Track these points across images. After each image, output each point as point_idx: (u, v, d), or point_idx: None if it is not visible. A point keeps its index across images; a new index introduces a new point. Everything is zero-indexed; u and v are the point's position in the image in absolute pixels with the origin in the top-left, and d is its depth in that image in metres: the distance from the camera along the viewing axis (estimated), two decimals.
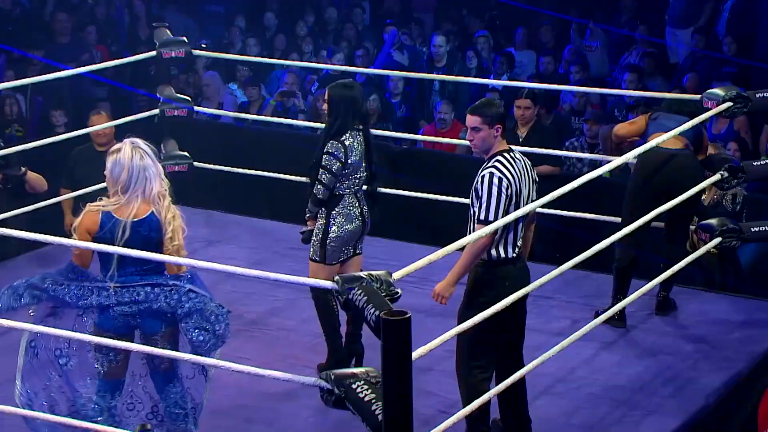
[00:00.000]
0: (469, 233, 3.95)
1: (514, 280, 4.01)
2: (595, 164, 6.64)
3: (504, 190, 3.92)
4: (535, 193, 4.11)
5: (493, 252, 3.99)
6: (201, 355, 3.82)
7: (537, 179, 4.16)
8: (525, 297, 4.10)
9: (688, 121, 5.05)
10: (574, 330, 4.62)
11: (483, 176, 3.96)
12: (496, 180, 3.93)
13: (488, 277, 4.00)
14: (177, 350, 3.89)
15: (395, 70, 8.57)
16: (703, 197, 5.70)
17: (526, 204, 4.03)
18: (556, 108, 8.40)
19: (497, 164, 3.98)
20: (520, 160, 4.07)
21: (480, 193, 3.95)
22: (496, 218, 3.91)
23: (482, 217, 3.92)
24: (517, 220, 3.98)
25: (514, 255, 4.03)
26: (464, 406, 3.92)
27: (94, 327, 3.89)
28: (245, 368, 3.85)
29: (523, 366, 4.11)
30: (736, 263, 6.14)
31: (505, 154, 4.03)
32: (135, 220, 3.88)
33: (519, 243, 4.07)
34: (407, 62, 9.43)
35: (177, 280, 3.89)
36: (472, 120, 4.04)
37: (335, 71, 8.19)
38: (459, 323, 3.92)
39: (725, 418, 4.66)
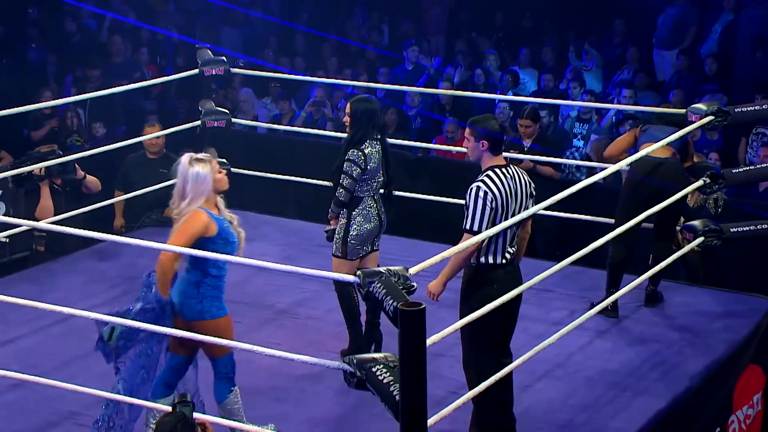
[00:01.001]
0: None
1: (502, 283, 3.93)
2: (593, 171, 6.60)
3: (489, 203, 3.84)
4: (530, 206, 4.00)
5: (482, 259, 3.93)
6: None
7: (534, 194, 4.04)
8: (517, 297, 4.01)
9: (676, 130, 5.01)
10: (571, 320, 4.58)
11: (471, 189, 3.90)
12: (481, 193, 3.86)
13: (478, 280, 3.94)
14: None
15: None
16: (689, 201, 5.65)
17: (517, 214, 3.93)
18: (557, 122, 8.37)
19: (485, 179, 3.90)
20: (513, 176, 3.95)
21: (467, 205, 3.89)
22: (479, 229, 3.84)
23: (467, 226, 3.87)
24: (506, 230, 3.89)
25: (503, 261, 3.95)
26: (471, 390, 3.86)
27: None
28: (277, 353, 3.84)
29: (510, 362, 4.03)
30: (717, 260, 6.09)
31: (497, 170, 3.93)
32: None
33: (509, 250, 3.97)
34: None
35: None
36: (466, 131, 4.02)
37: (359, 88, 8.16)
38: (461, 317, 3.87)
39: (706, 399, 4.61)
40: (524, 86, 9.33)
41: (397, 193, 4.85)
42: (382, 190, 4.69)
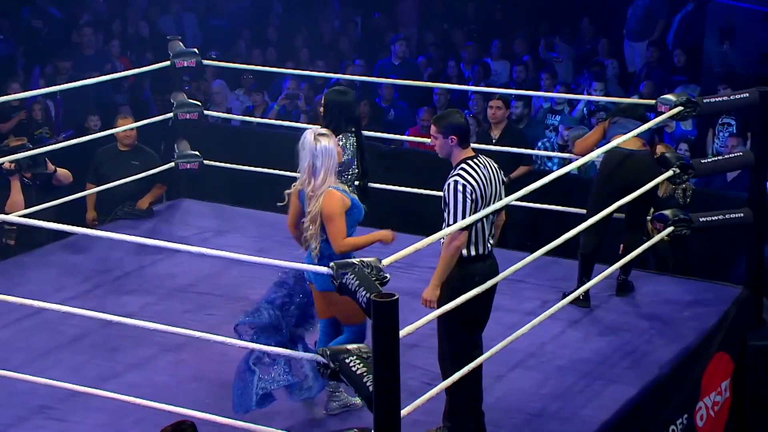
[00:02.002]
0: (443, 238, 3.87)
1: (482, 277, 3.93)
2: (565, 162, 6.63)
3: (468, 195, 3.83)
4: (503, 193, 4.02)
5: (464, 251, 3.91)
6: None
7: (505, 180, 4.07)
8: (493, 289, 4.02)
9: (642, 124, 5.04)
10: (543, 310, 4.60)
11: (448, 185, 3.88)
12: (460, 187, 3.84)
13: (460, 274, 3.92)
14: None
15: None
16: (659, 191, 5.69)
17: (493, 203, 3.94)
18: (530, 113, 8.40)
19: (461, 171, 3.89)
20: (485, 165, 3.96)
21: (447, 201, 3.87)
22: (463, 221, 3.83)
23: (451, 222, 3.86)
24: (485, 219, 3.89)
25: (484, 252, 3.95)
26: (445, 381, 3.87)
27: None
28: (251, 345, 3.82)
29: (481, 350, 4.03)
30: (685, 250, 6.14)
31: (469, 161, 3.93)
32: None
33: (490, 241, 3.99)
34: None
35: None
36: (431, 129, 4.01)
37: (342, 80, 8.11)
38: (440, 316, 3.85)
39: (675, 386, 4.66)
40: (496, 78, 9.35)
41: (371, 185, 4.83)
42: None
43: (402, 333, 3.29)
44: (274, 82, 9.48)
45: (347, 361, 3.41)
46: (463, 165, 3.92)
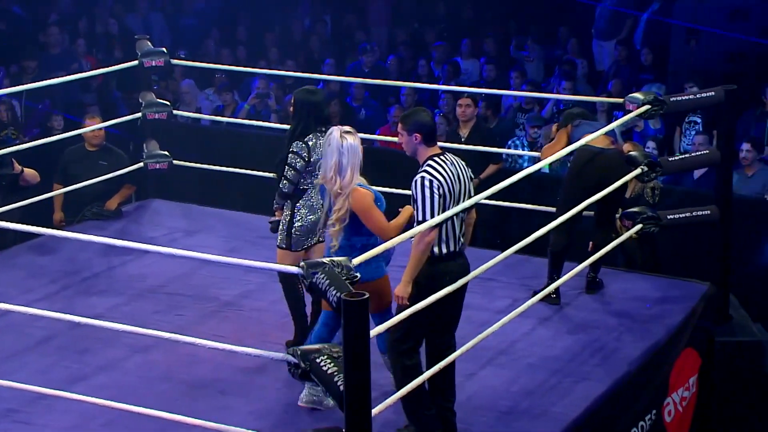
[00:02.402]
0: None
1: (453, 276, 3.93)
2: (534, 160, 6.66)
3: (436, 191, 3.84)
4: (472, 190, 4.02)
5: (435, 249, 3.91)
6: None
7: (473, 177, 4.07)
8: (464, 288, 4.01)
9: (603, 125, 5.08)
10: (514, 308, 4.62)
11: (416, 181, 3.88)
12: (427, 183, 3.84)
13: (431, 273, 3.91)
14: None
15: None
16: (628, 191, 5.73)
17: (463, 200, 3.94)
18: (500, 112, 8.43)
19: (428, 168, 3.90)
20: (452, 162, 3.96)
21: (416, 197, 3.87)
22: (432, 217, 3.82)
23: (420, 218, 3.85)
24: (456, 217, 3.90)
25: (455, 250, 3.95)
26: (398, 388, 3.85)
27: None
28: (220, 345, 3.81)
29: (455, 350, 4.03)
30: (653, 247, 6.20)
31: (436, 158, 3.93)
32: None
33: (461, 239, 3.99)
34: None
35: None
36: (398, 127, 4.02)
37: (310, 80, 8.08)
38: (399, 311, 3.83)
39: (644, 382, 4.70)
40: (467, 77, 9.38)
41: None
42: None
43: (372, 332, 3.29)
44: (244, 81, 9.45)
45: (318, 360, 3.40)
46: (430, 162, 3.93)
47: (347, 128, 4.08)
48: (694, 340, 5.08)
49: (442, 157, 3.96)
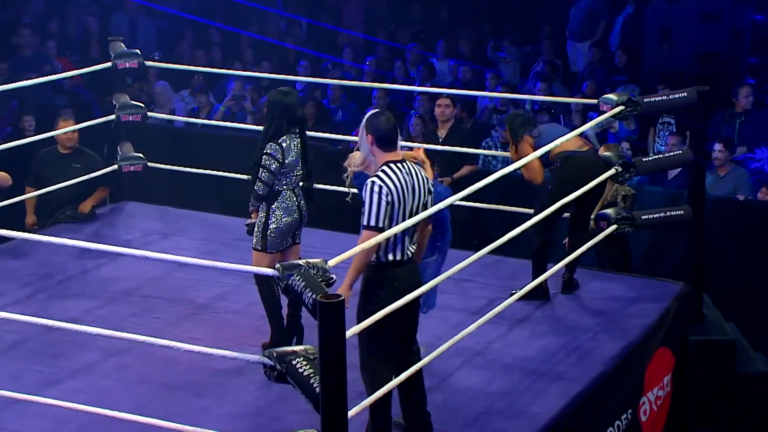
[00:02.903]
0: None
1: (402, 281, 3.90)
2: (508, 161, 6.69)
3: (384, 197, 3.80)
4: (430, 202, 3.98)
5: (382, 256, 3.89)
6: None
7: (432, 190, 4.02)
8: (417, 298, 3.96)
9: (567, 129, 5.10)
10: (490, 309, 4.64)
11: (366, 185, 3.87)
12: (376, 188, 3.82)
13: (378, 279, 3.89)
14: None
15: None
16: (606, 194, 5.74)
17: (416, 211, 3.91)
18: (475, 114, 8.46)
19: (380, 173, 3.87)
20: (410, 171, 3.92)
21: (363, 201, 3.86)
22: (377, 223, 3.80)
23: (364, 222, 3.84)
24: (406, 228, 3.85)
25: (403, 258, 3.91)
26: (369, 395, 3.81)
27: None
28: (196, 348, 3.79)
29: (419, 359, 4.00)
30: (626, 246, 6.24)
31: (392, 165, 3.90)
32: None
33: (410, 248, 3.94)
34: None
35: None
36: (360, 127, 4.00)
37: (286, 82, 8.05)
38: (357, 321, 3.79)
39: (619, 382, 4.73)
40: (442, 78, 9.40)
41: (318, 186, 4.83)
42: (302, 183, 4.67)
43: (348, 333, 3.29)
44: (220, 83, 9.42)
45: (294, 362, 3.40)
46: (384, 167, 3.90)
47: (381, 112, 4.22)
48: (668, 339, 5.12)
49: (399, 164, 3.91)
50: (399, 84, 8.71)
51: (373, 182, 3.85)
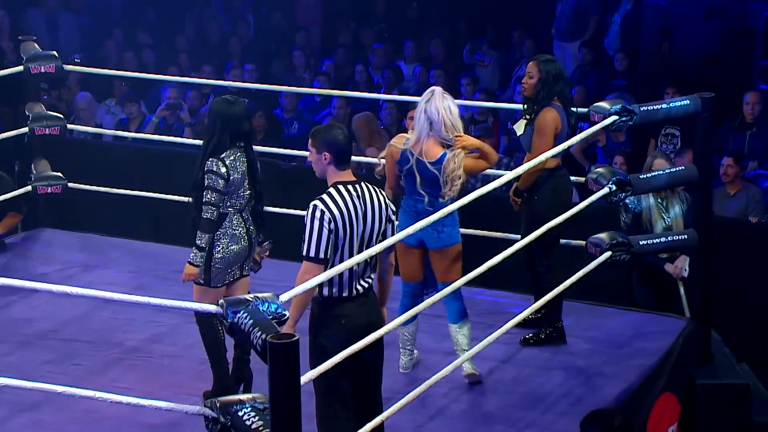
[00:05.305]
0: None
1: (351, 318, 3.88)
2: (488, 179, 6.75)
3: (326, 225, 3.81)
4: (390, 230, 3.98)
5: (325, 291, 3.88)
6: None
7: (393, 218, 4.01)
8: (377, 341, 3.89)
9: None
10: (468, 348, 4.66)
11: (308, 207, 3.86)
12: (318, 213, 3.82)
13: (323, 315, 3.90)
14: None
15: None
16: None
17: (370, 239, 3.90)
18: None
19: (325, 196, 3.88)
20: (362, 194, 3.91)
21: (304, 226, 3.85)
22: (317, 254, 3.80)
23: (304, 252, 3.83)
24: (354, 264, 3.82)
25: (350, 294, 3.90)
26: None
27: None
28: (124, 399, 3.78)
29: (381, 412, 3.97)
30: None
31: (340, 187, 3.90)
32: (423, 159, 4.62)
33: (362, 283, 3.93)
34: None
35: None
36: (309, 142, 3.99)
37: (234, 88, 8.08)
38: (310, 363, 3.78)
39: (618, 430, 4.76)
40: (410, 83, 9.46)
41: (268, 208, 4.85)
42: (250, 206, 4.68)
43: (303, 379, 3.31)
44: (152, 90, 9.41)
45: (240, 413, 3.41)
46: (331, 189, 3.91)
47: (437, 89, 4.75)
48: (672, 383, 5.16)
49: (351, 186, 3.92)
50: (360, 91, 8.75)
51: (315, 206, 3.85)
